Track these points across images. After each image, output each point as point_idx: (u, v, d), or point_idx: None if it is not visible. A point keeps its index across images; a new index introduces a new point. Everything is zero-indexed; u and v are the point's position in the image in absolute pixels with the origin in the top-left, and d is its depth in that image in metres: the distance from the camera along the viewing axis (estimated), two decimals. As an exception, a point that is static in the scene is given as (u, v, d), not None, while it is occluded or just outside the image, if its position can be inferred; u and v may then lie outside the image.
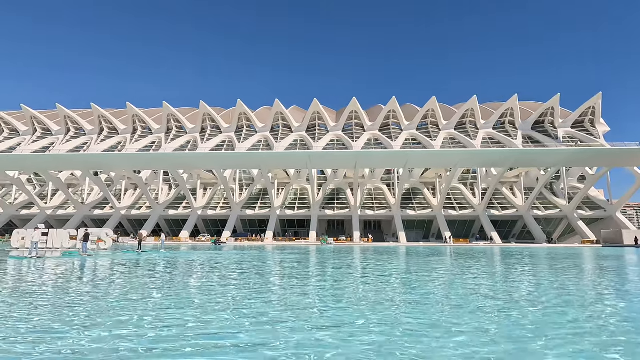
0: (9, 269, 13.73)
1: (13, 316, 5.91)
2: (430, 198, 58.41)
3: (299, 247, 38.63)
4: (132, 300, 7.37)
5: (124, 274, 12.88)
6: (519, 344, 4.49)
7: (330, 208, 57.99)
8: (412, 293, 8.55)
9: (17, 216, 59.04)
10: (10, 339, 4.62)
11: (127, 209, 58.55)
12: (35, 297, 7.77)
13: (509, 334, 4.96)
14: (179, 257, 20.82)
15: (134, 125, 68.39)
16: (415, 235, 56.47)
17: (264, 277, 11.97)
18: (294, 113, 69.69)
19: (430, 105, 64.49)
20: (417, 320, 5.65)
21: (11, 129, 69.76)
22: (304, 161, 51.96)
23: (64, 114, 68.37)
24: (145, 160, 55.12)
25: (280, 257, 21.74)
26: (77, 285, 10.00)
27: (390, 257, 22.00)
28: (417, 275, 12.52)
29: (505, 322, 5.65)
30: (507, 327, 5.34)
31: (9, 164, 54.31)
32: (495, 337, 4.77)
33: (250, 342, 4.51)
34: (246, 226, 59.51)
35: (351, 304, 7.07)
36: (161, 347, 4.33)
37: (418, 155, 52.48)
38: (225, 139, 64.95)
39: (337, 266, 16.02)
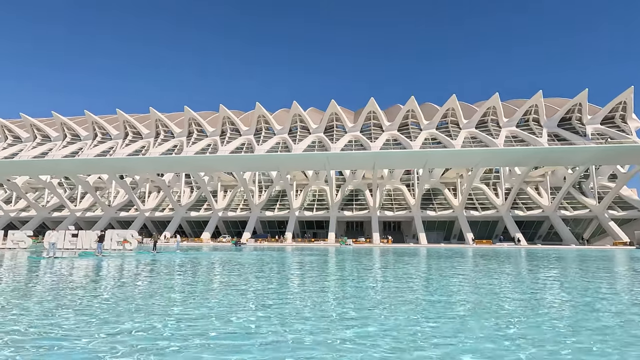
0: (25, 267, 14.70)
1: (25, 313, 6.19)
2: (451, 198, 57.26)
3: (318, 248, 38.67)
4: (130, 299, 7.59)
5: (133, 274, 13.26)
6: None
7: (349, 209, 57.79)
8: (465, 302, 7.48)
9: (49, 218, 61.83)
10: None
11: (151, 211, 60.32)
12: (46, 295, 8.11)
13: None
14: (193, 258, 21.14)
15: (157, 130, 70.41)
16: (436, 237, 55.46)
17: (286, 279, 12.04)
18: (312, 115, 69.96)
19: (450, 104, 63.30)
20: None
21: (43, 135, 73.22)
22: (322, 162, 52.03)
23: (92, 120, 71.19)
24: (168, 163, 56.71)
25: (301, 259, 21.82)
26: (87, 283, 10.38)
27: (419, 260, 21.66)
28: (459, 280, 12.18)
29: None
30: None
31: (42, 168, 57.29)
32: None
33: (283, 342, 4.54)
34: (265, 227, 60.11)
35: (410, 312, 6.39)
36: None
37: (438, 155, 51.59)
38: (244, 142, 65.91)
39: (365, 268, 15.91)
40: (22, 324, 5.50)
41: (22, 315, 6.11)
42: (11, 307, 6.72)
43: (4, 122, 73.13)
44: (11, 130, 73.67)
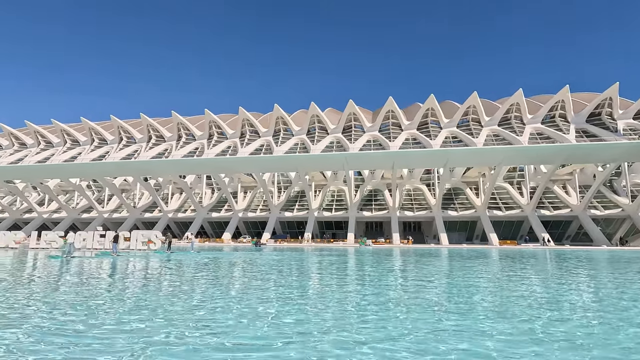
0: (42, 265, 15.77)
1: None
2: (473, 198, 55.92)
3: (337, 248, 38.61)
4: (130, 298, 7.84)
5: (146, 272, 13.81)
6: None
7: (368, 209, 57.41)
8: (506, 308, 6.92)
9: (78, 219, 64.49)
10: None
11: (174, 212, 61.91)
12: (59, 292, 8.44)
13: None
14: (206, 258, 21.56)
15: (179, 133, 72.20)
16: (458, 237, 54.28)
17: (310, 280, 12.08)
18: (330, 115, 69.96)
19: (471, 101, 61.86)
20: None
21: (73, 140, 76.48)
22: (341, 163, 51.93)
23: (117, 125, 73.77)
24: (190, 166, 58.08)
25: (322, 259, 21.84)
26: (102, 282, 10.85)
27: (447, 262, 21.31)
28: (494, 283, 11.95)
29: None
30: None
31: (71, 171, 60.03)
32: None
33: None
34: (285, 228, 60.53)
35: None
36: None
37: (459, 154, 50.52)
38: (263, 143, 66.65)
39: (390, 269, 15.78)
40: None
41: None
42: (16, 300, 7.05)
43: (36, 128, 76.83)
44: (43, 136, 77.31)
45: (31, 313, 6.28)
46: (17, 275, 12.33)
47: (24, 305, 6.95)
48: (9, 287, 9.50)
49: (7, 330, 5.07)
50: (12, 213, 66.78)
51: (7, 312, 6.29)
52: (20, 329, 5.19)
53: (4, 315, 6.08)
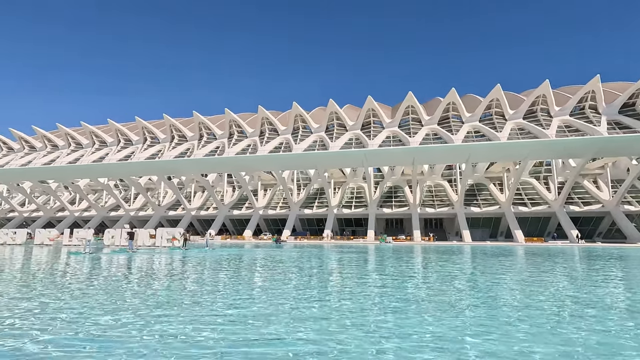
0: (61, 261, 17.00)
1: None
2: (497, 194, 54.37)
3: (357, 245, 38.49)
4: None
5: (158, 268, 14.37)
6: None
7: (388, 206, 56.86)
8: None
9: (107, 217, 67.12)
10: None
11: (197, 210, 63.40)
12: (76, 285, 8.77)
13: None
14: (221, 254, 22.10)
15: (200, 132, 73.70)
16: (481, 234, 52.96)
17: (335, 280, 12.12)
18: (348, 112, 69.58)
19: (494, 94, 59.98)
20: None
21: (101, 141, 79.50)
22: (360, 159, 51.60)
23: (142, 125, 76.07)
24: (211, 164, 59.28)
25: (343, 256, 21.84)
26: (120, 276, 11.23)
27: (473, 260, 20.90)
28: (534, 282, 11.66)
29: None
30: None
31: (100, 171, 62.61)
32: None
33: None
34: (305, 225, 60.84)
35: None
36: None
37: (482, 149, 49.16)
38: (282, 141, 67.08)
39: (421, 268, 15.63)
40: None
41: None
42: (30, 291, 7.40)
43: (67, 130, 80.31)
44: (74, 138, 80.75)
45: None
46: (47, 269, 12.99)
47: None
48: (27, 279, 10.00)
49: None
50: (46, 212, 70.24)
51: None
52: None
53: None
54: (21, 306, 6.52)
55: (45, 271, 12.98)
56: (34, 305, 6.60)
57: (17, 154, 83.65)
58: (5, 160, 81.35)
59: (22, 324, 5.34)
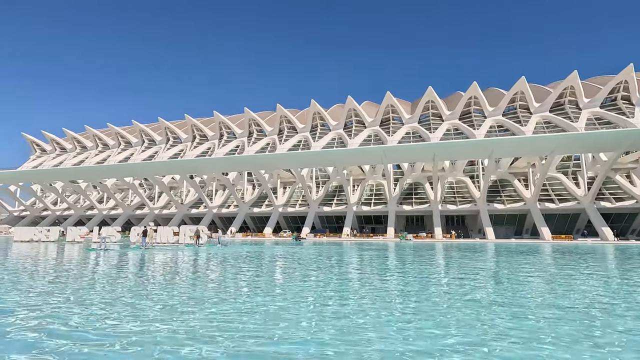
0: (76, 256, 17.82)
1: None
2: (522, 190, 52.66)
3: (377, 243, 38.23)
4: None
5: (170, 264, 14.91)
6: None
7: (408, 203, 56.15)
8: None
9: (133, 215, 69.44)
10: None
11: (218, 208, 64.64)
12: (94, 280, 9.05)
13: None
14: (231, 251, 22.60)
15: (221, 132, 75.01)
16: (505, 231, 51.49)
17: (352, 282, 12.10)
18: (367, 108, 69.04)
19: (519, 87, 58.02)
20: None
21: (126, 142, 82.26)
22: (379, 156, 51.17)
23: (164, 126, 78.17)
24: (231, 163, 60.30)
25: (363, 254, 21.76)
26: (129, 272, 11.65)
27: (501, 258, 20.40)
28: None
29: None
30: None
31: (125, 171, 64.86)
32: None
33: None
34: (324, 222, 60.96)
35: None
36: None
37: (505, 143, 47.71)
38: (301, 139, 67.36)
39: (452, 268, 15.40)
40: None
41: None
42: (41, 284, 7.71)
43: (95, 132, 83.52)
44: (101, 139, 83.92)
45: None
46: (63, 265, 13.59)
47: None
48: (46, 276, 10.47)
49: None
50: (77, 210, 73.41)
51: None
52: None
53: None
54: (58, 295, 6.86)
55: (61, 265, 13.63)
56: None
57: (49, 155, 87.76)
58: (38, 162, 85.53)
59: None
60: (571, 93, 56.71)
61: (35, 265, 13.72)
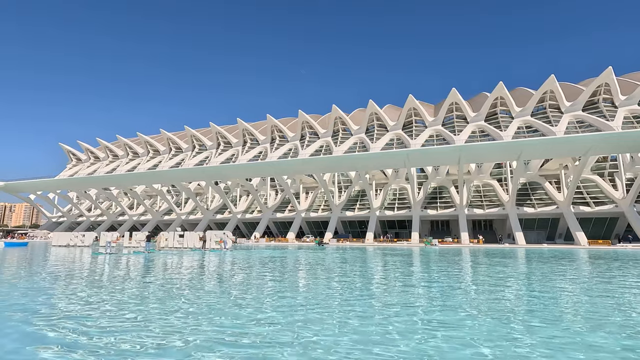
0: (91, 262, 18.73)
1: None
2: (553, 193, 50.40)
3: (402, 248, 37.60)
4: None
5: (170, 267, 15.57)
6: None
7: (432, 207, 54.98)
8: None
9: (161, 221, 71.71)
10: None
11: (242, 213, 65.70)
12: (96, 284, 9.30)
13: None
14: (240, 255, 22.93)
15: (244, 138, 76.42)
16: (537, 236, 49.37)
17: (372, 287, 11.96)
18: (389, 112, 68.42)
19: (548, 86, 55.78)
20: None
21: (154, 150, 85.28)
22: (402, 160, 50.47)
23: (190, 134, 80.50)
24: (254, 169, 61.29)
25: (387, 260, 21.47)
26: (137, 274, 11.85)
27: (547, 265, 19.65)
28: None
29: None
30: None
31: (153, 178, 67.25)
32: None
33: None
34: (346, 227, 60.63)
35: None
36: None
37: (535, 144, 45.90)
38: (323, 144, 67.53)
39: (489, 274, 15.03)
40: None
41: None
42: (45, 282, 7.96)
43: (125, 141, 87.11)
44: (131, 147, 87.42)
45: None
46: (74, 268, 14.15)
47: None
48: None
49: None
50: (109, 216, 76.65)
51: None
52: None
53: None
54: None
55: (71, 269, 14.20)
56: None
57: (84, 164, 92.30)
58: (74, 170, 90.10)
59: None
60: (606, 90, 53.95)
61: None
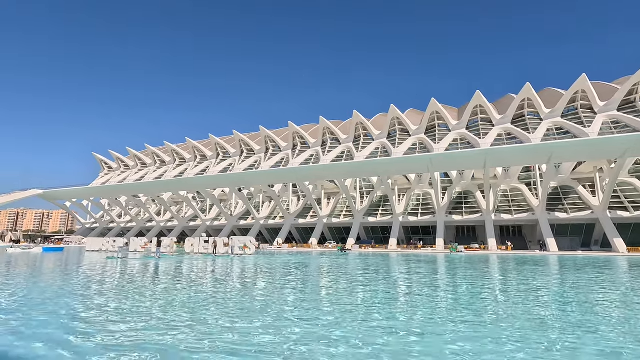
0: (97, 263, 20.24)
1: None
2: (588, 197, 47.96)
3: (426, 255, 36.79)
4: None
5: (175, 273, 15.90)
6: None
7: (458, 213, 53.59)
8: None
9: (187, 227, 73.60)
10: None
11: (265, 219, 66.42)
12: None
13: None
14: (249, 261, 23.22)
15: (267, 145, 77.52)
16: (570, 243, 47.06)
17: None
18: (411, 116, 67.61)
19: (579, 86, 53.48)
20: None
21: (181, 158, 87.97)
22: (425, 164, 49.61)
23: (214, 142, 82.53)
24: (276, 175, 61.96)
25: (410, 267, 21.09)
26: (149, 278, 12.14)
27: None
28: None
29: None
30: None
31: (180, 185, 69.40)
32: None
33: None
34: (369, 233, 60.03)
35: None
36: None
37: (567, 147, 43.94)
38: (344, 150, 67.47)
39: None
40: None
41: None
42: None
43: (153, 150, 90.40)
44: (159, 156, 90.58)
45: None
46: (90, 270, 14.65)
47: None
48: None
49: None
50: (138, 222, 79.45)
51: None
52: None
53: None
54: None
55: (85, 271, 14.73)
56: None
57: (115, 172, 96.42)
58: (106, 179, 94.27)
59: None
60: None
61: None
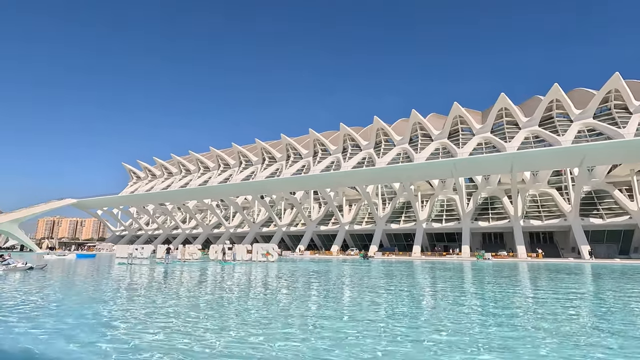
0: (107, 269, 21.89)
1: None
2: (625, 202, 45.42)
3: (452, 262, 35.83)
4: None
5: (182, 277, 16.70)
6: None
7: (484, 219, 52.00)
8: None
9: (211, 234, 75.05)
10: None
11: (287, 226, 66.79)
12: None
13: None
14: (272, 268, 23.70)
15: (288, 153, 78.29)
16: (607, 250, 44.55)
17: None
18: (433, 121, 66.54)
19: (612, 85, 51.05)
20: None
21: (205, 167, 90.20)
22: (448, 170, 48.58)
23: (237, 150, 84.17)
24: (297, 183, 62.39)
25: (436, 274, 20.62)
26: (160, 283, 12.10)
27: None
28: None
29: None
30: None
31: (204, 193, 71.07)
32: None
33: None
34: (392, 240, 59.16)
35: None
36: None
37: (601, 149, 41.88)
38: (365, 156, 67.11)
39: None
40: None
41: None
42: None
43: (179, 159, 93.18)
44: (184, 165, 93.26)
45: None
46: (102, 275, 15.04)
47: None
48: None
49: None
50: (164, 230, 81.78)
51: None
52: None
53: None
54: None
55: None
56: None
57: (143, 181, 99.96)
58: (135, 187, 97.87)
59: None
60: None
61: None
